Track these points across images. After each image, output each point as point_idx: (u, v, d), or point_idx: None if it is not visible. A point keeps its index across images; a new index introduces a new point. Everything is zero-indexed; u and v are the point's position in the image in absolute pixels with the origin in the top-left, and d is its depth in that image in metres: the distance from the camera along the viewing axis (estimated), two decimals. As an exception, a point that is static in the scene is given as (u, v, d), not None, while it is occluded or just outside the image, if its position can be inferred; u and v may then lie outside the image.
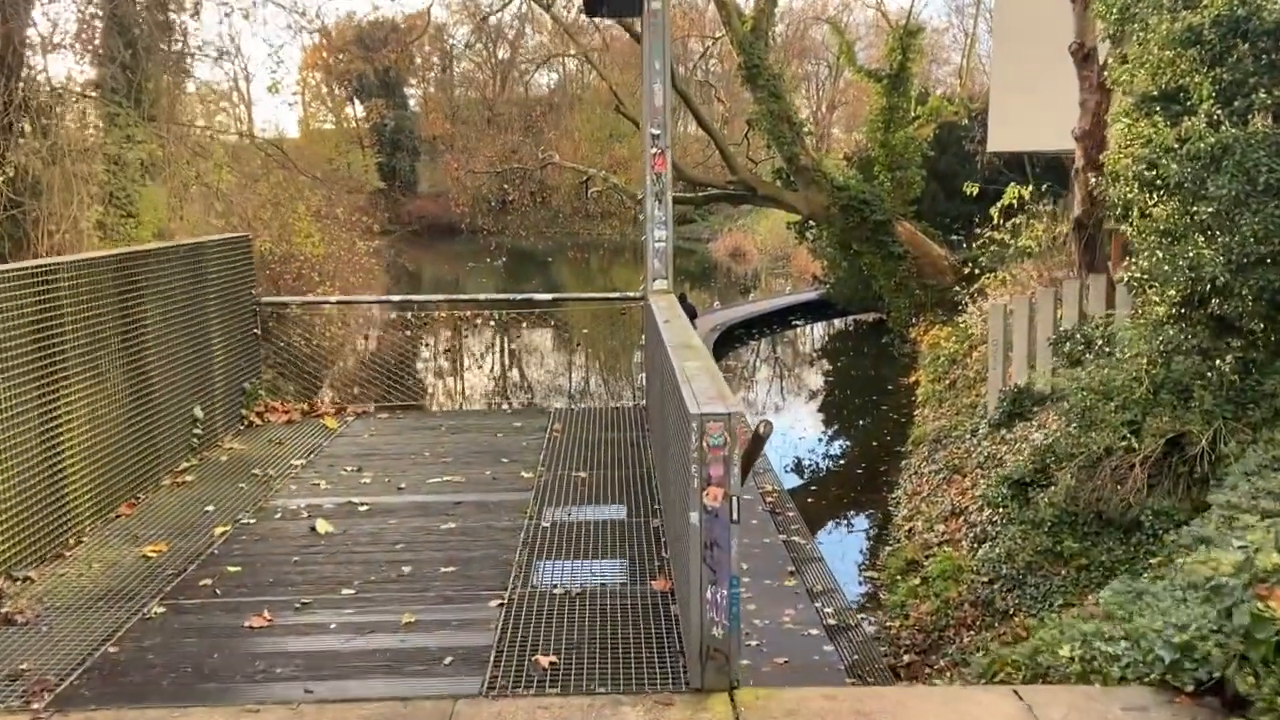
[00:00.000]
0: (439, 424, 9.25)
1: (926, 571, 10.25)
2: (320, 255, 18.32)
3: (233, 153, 20.68)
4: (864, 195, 22.91)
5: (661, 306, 5.75)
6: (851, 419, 20.04)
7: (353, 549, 6.38)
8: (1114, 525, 8.20)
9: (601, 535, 6.57)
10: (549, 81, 75.36)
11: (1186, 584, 5.52)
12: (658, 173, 6.08)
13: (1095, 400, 8.41)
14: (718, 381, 3.89)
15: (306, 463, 8.29)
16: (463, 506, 7.12)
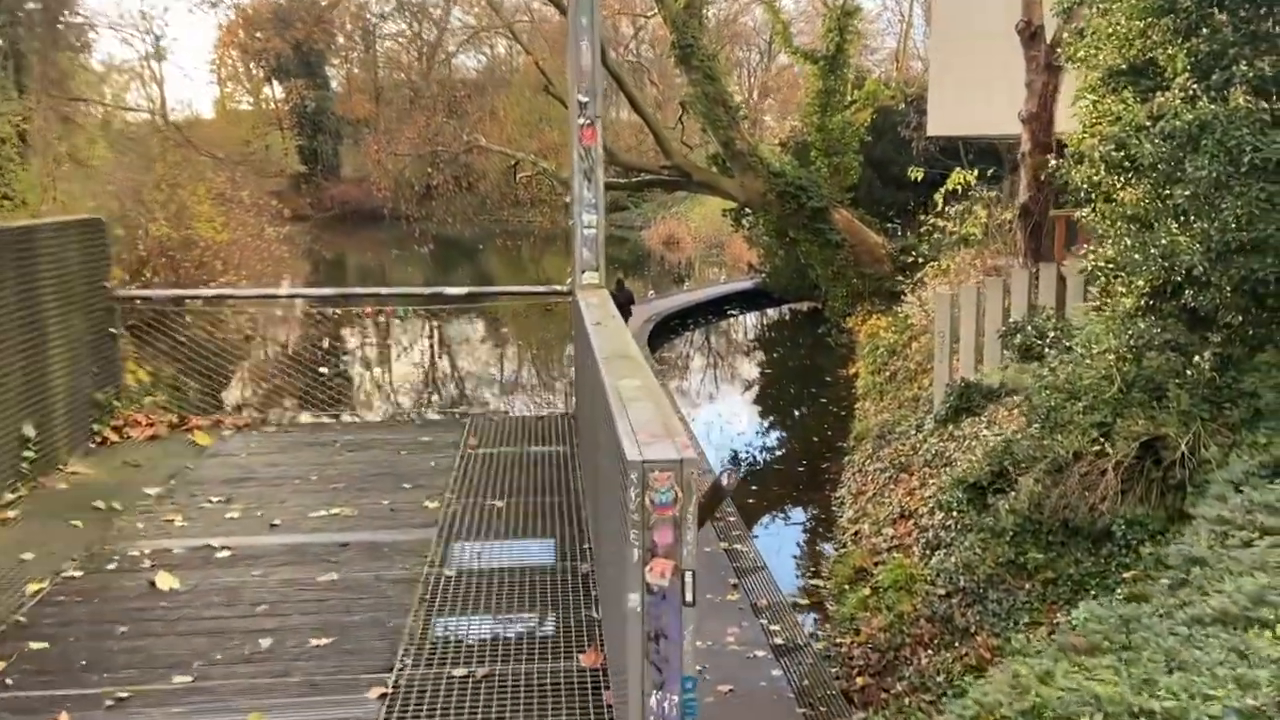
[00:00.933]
0: (334, 439, 7.86)
1: (877, 580, 9.57)
2: (224, 241, 16.99)
3: (137, 132, 19.18)
4: (801, 181, 22.29)
5: (592, 304, 4.84)
6: (790, 412, 19.41)
7: (200, 613, 5.09)
8: (1082, 535, 7.58)
9: (520, 587, 5.37)
10: (477, 64, 73.65)
11: (1191, 618, 4.85)
12: (586, 147, 5.19)
13: (1061, 400, 7.76)
14: (664, 410, 2.99)
15: (164, 491, 6.89)
16: (349, 550, 5.86)
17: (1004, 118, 15.39)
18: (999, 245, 16.66)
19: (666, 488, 2.62)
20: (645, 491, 2.60)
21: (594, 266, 5.47)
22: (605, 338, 3.72)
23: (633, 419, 2.83)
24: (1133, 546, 7.16)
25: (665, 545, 2.69)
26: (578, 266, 5.55)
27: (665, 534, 2.68)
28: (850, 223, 22.65)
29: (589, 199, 5.31)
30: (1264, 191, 6.75)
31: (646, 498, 2.60)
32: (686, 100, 23.88)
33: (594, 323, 4.11)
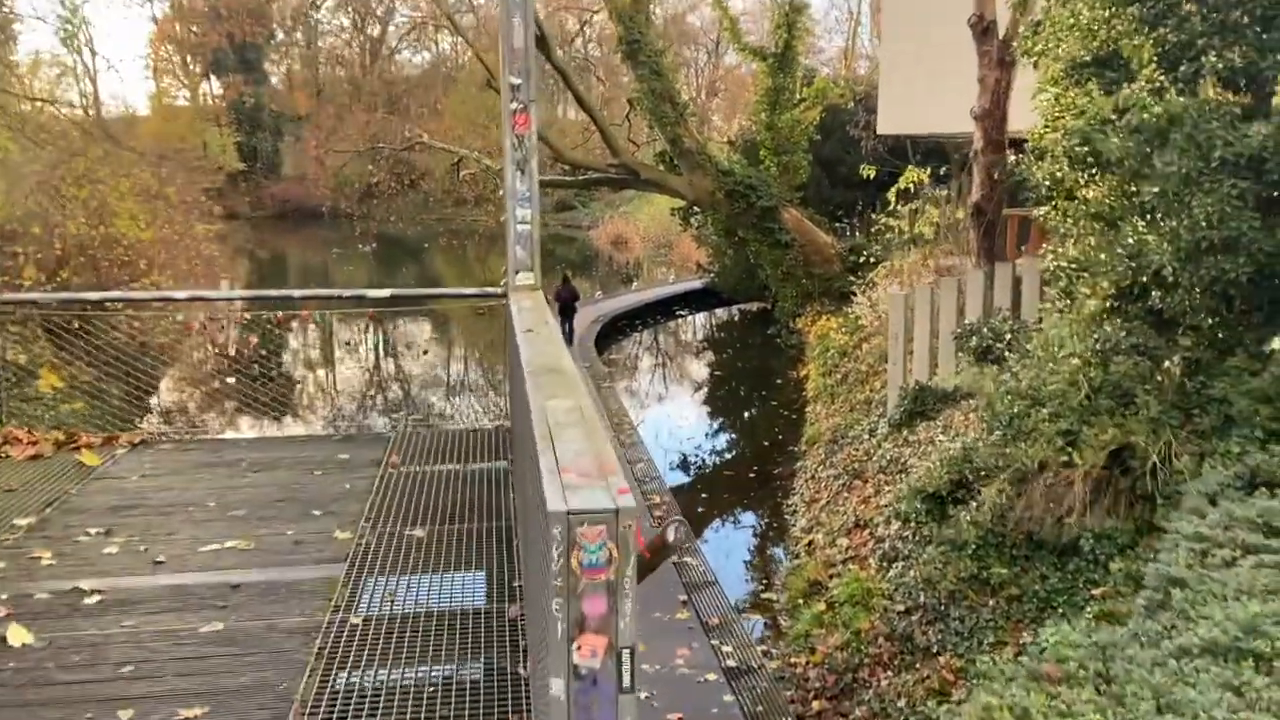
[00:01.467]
0: (241, 457, 6.92)
1: (832, 595, 9.16)
2: (149, 240, 16.12)
3: (53, 126, 18.16)
4: (750, 180, 21.93)
5: (525, 308, 4.28)
6: (739, 414, 19.03)
7: (53, 676, 4.17)
8: (1048, 549, 7.22)
9: (438, 635, 4.51)
10: (421, 60, 72.58)
11: (1179, 649, 4.47)
12: (519, 135, 4.65)
13: (1024, 407, 7.40)
14: (597, 441, 2.39)
15: (35, 522, 5.90)
16: (242, 591, 5.00)
17: (955, 116, 15.14)
18: (950, 245, 16.43)
19: (598, 545, 2.08)
20: (571, 550, 2.08)
21: (528, 266, 4.91)
22: (536, 348, 3.20)
23: (560, 453, 2.24)
24: (1101, 562, 6.82)
25: (596, 617, 2.13)
26: (511, 266, 5.00)
27: (596, 603, 2.12)
28: (800, 222, 22.34)
29: (522, 192, 4.77)
30: (1236, 188, 6.44)
31: (573, 558, 2.08)
32: (633, 97, 23.40)
33: (524, 330, 3.58)
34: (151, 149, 55.28)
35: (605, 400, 16.53)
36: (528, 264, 4.87)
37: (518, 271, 4.90)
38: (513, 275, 4.91)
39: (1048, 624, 6.74)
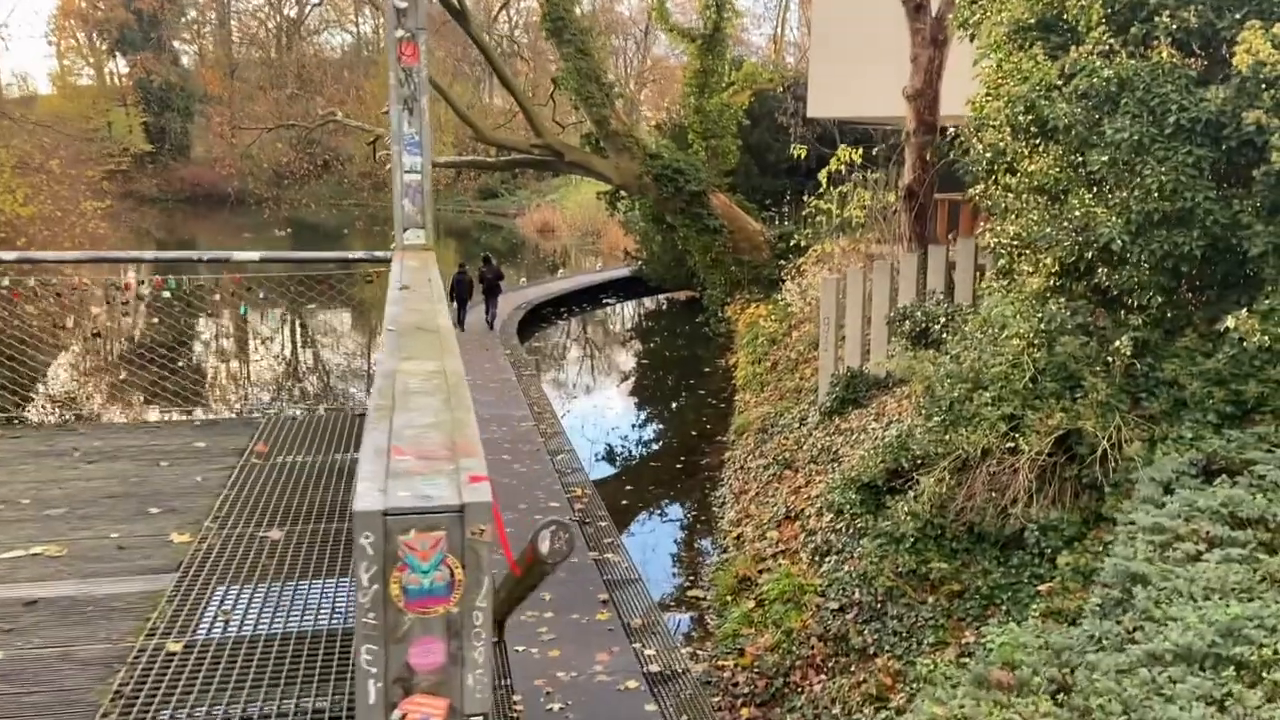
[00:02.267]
0: (75, 445, 5.88)
1: (762, 591, 8.64)
2: (27, 215, 14.90)
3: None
4: (678, 164, 21.38)
5: (410, 267, 3.62)
6: (667, 404, 18.49)
7: None
8: (990, 541, 6.79)
9: (281, 666, 3.58)
10: (341, 43, 70.56)
11: (1148, 655, 4.00)
12: (407, 68, 3.97)
13: (965, 390, 6.95)
14: (459, 415, 1.73)
15: None
16: (39, 609, 4.06)
17: (886, 99, 14.76)
18: (879, 231, 16.09)
19: (431, 562, 1.36)
20: (390, 570, 1.38)
21: (419, 223, 4.22)
22: (408, 305, 2.57)
23: (396, 428, 1.60)
24: (1047, 555, 6.40)
25: (429, 670, 1.39)
26: (398, 223, 4.28)
27: (429, 649, 1.39)
28: (729, 208, 21.89)
29: (410, 135, 4.08)
30: (1191, 155, 6.05)
31: (392, 582, 1.42)
32: (558, 77, 22.66)
33: (399, 286, 2.93)
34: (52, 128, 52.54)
35: (527, 388, 15.83)
36: (418, 220, 4.17)
37: (406, 229, 4.20)
38: (400, 233, 4.21)
39: (992, 623, 6.29)
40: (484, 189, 58.96)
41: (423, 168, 4.16)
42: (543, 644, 7.54)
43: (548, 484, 11.21)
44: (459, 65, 57.69)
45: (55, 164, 16.24)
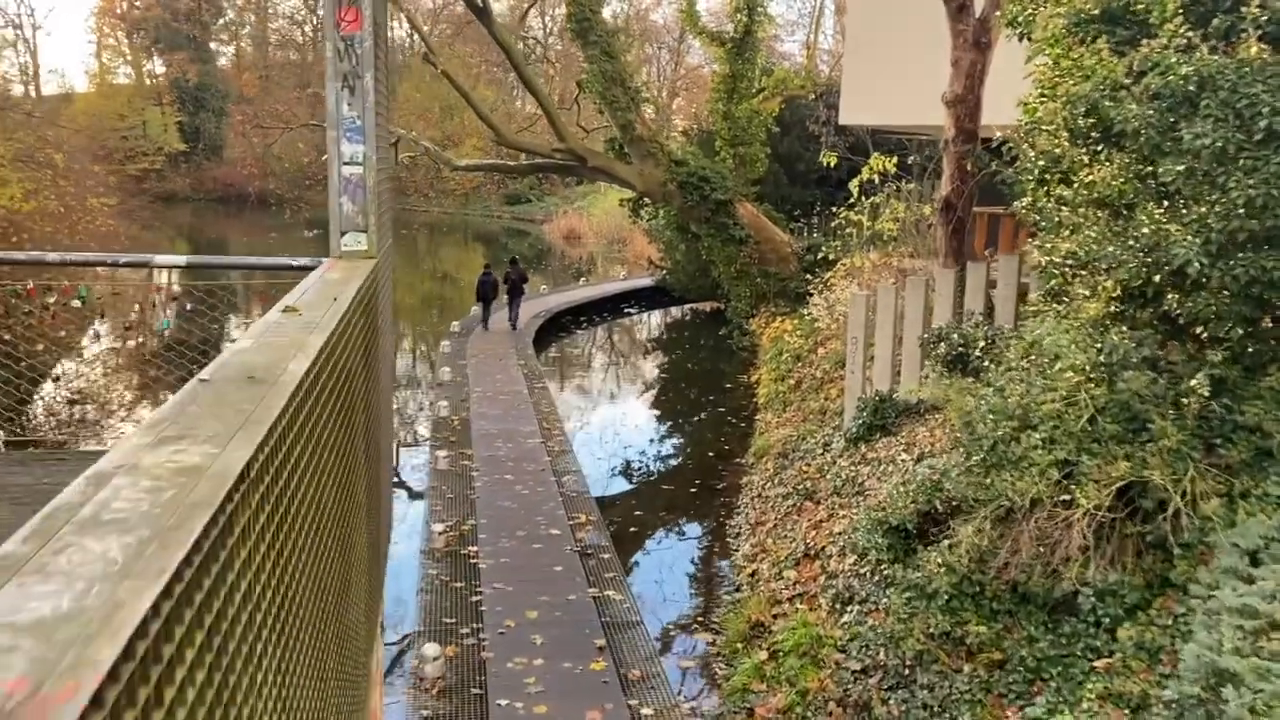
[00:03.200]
0: None
1: (776, 641, 7.82)
2: (27, 210, 14.38)
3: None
4: (704, 172, 20.62)
5: (329, 281, 2.80)
6: (685, 421, 17.67)
7: None
8: (1037, 604, 5.94)
9: None
10: (375, 45, 70.52)
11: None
12: (346, 36, 3.24)
13: (1011, 429, 6.10)
14: (129, 590, 0.78)
15: None
16: None
17: (923, 106, 13.93)
18: (912, 246, 15.22)
19: None
20: None
21: (359, 226, 3.45)
22: (264, 340, 1.79)
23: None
24: (1104, 625, 5.55)
25: None
26: (334, 225, 3.50)
27: None
28: (755, 217, 21.09)
29: (350, 119, 3.33)
30: (1285, 166, 5.20)
31: None
32: (583, 80, 21.96)
33: (282, 308, 2.18)
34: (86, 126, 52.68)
35: (537, 402, 15.09)
36: (359, 222, 3.41)
37: (344, 233, 3.44)
38: (337, 238, 3.45)
39: (1039, 703, 5.46)
40: (512, 195, 58.51)
41: (365, 158, 3.42)
42: (529, 697, 6.77)
43: (550, 509, 10.45)
44: (492, 70, 57.35)
45: (59, 158, 15.74)
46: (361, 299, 2.87)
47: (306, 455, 1.55)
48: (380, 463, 3.69)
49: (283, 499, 1.39)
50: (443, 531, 9.57)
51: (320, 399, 1.78)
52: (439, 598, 8.36)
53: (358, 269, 3.15)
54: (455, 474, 11.54)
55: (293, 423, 1.50)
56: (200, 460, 1.18)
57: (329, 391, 1.86)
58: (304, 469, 1.51)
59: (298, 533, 1.54)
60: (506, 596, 8.34)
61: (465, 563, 9.05)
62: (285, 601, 1.46)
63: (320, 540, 1.79)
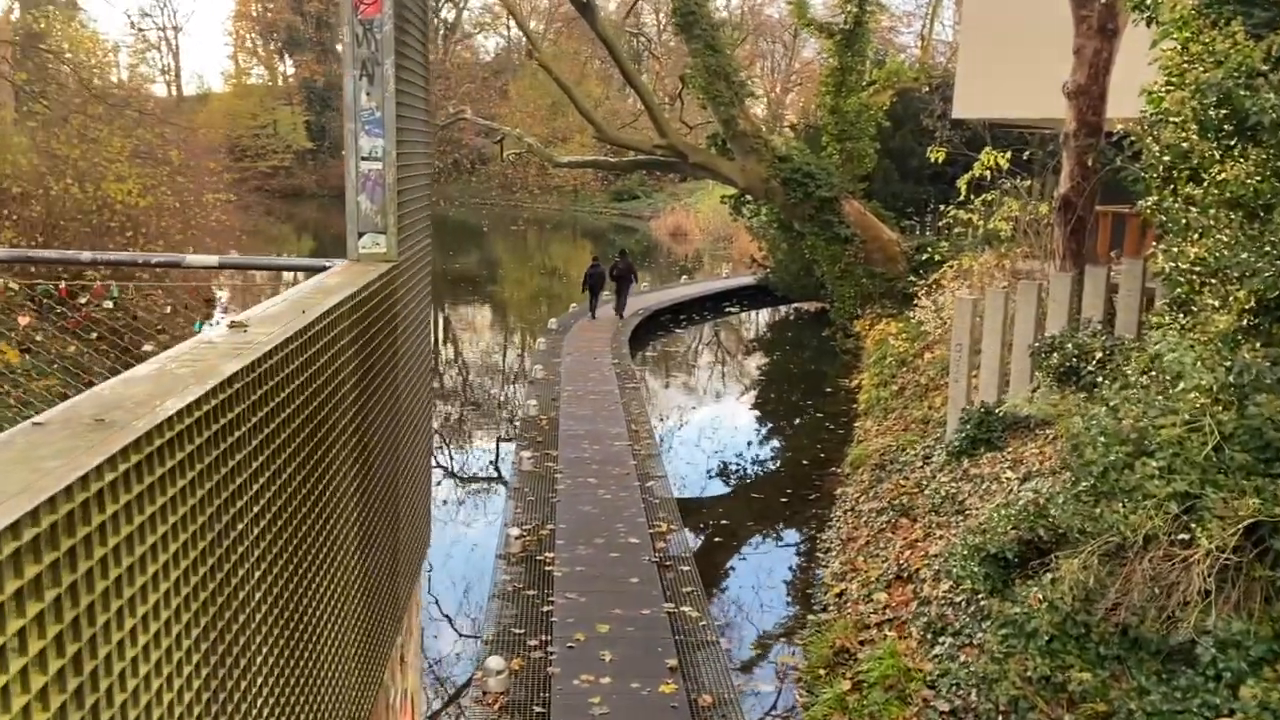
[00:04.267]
0: None
1: (861, 670, 7.33)
2: (144, 206, 14.85)
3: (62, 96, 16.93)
4: (808, 168, 20.02)
5: (325, 287, 2.42)
6: (781, 425, 17.15)
7: None
8: (1149, 651, 5.32)
9: None
10: (496, 45, 71.83)
11: None
12: (365, 20, 2.98)
13: (1124, 455, 5.49)
14: None
15: None
16: None
17: (1043, 97, 13.09)
18: (1028, 246, 14.35)
19: None
20: None
21: (379, 227, 3.18)
22: (155, 368, 1.50)
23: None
24: (1226, 680, 4.90)
25: None
26: (351, 226, 3.24)
27: None
28: (862, 215, 20.37)
29: (369, 111, 3.06)
30: None
31: None
32: (686, 74, 21.60)
33: (228, 323, 1.90)
34: (222, 125, 55.05)
35: (628, 404, 14.82)
36: (377, 223, 3.15)
37: (362, 234, 3.18)
38: (354, 239, 3.20)
39: (1148, 765, 4.86)
40: (619, 191, 58.57)
41: (385, 153, 3.15)
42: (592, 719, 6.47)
43: (631, 515, 10.14)
44: (601, 66, 57.53)
45: (175, 155, 16.24)
46: (358, 308, 2.59)
47: (145, 515, 1.24)
48: (401, 485, 3.42)
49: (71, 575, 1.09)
50: (519, 535, 9.37)
51: (207, 445, 1.48)
52: (509, 605, 8.15)
53: (364, 274, 2.87)
54: (538, 475, 11.35)
55: (129, 479, 1.20)
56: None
57: (226, 433, 1.56)
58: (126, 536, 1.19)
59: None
60: (578, 608, 8.07)
61: (540, 569, 8.82)
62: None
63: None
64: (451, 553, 11.00)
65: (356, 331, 2.58)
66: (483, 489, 13.60)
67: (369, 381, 2.75)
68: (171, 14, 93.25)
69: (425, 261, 4.04)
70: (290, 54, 70.31)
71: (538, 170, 54.40)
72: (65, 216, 14.68)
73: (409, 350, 3.52)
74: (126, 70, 44.00)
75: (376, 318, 2.88)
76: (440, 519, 12.04)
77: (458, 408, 17.98)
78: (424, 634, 9.44)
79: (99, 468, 1.12)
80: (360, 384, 2.63)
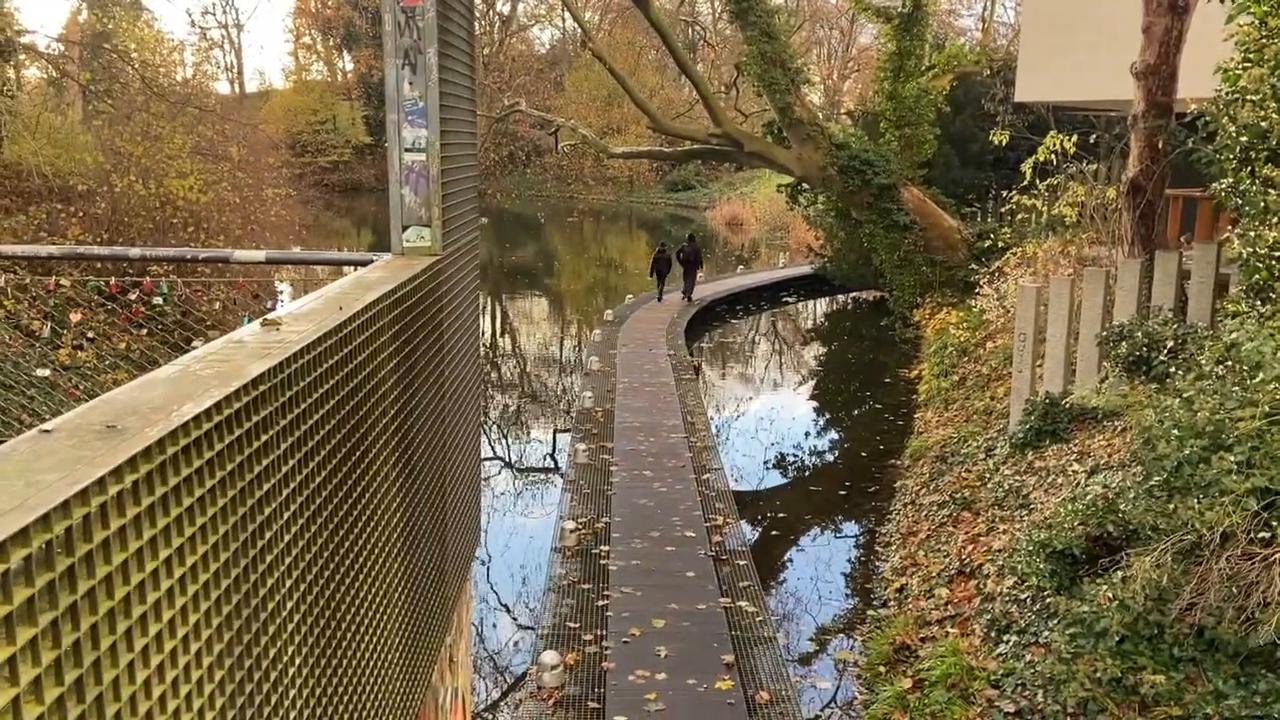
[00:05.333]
0: None
1: (922, 669, 7.15)
2: (206, 202, 15.12)
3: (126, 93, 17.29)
4: (866, 155, 19.69)
5: (364, 282, 2.35)
6: (839, 417, 16.91)
7: None
8: (1227, 654, 5.09)
9: None
10: (551, 37, 72.01)
11: None
12: (408, 9, 2.91)
13: (1200, 449, 5.25)
14: None
15: None
16: None
17: (1109, 78, 12.66)
18: (1095, 232, 13.92)
19: None
20: None
21: (423, 220, 3.13)
22: (178, 370, 1.47)
23: None
24: (1312, 685, 4.67)
25: None
26: (396, 219, 3.18)
27: None
28: (921, 203, 19.98)
29: (412, 101, 3.00)
30: None
31: None
32: (741, 62, 21.36)
33: (261, 320, 1.85)
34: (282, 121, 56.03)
35: (683, 395, 14.72)
36: (421, 216, 3.09)
37: (406, 227, 3.12)
38: (398, 232, 3.14)
39: (1226, 773, 4.64)
40: (675, 181, 58.36)
41: (429, 144, 3.09)
42: (647, 715, 6.40)
43: (687, 508, 10.05)
44: (657, 56, 57.32)
45: (235, 151, 16.51)
46: (399, 303, 2.53)
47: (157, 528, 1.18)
48: (449, 484, 3.37)
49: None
50: (575, 529, 9.34)
51: (229, 450, 1.42)
52: (565, 599, 8.12)
53: (407, 268, 2.81)
54: (594, 468, 11.32)
55: (138, 490, 1.14)
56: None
57: (251, 437, 1.50)
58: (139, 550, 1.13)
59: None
60: (634, 602, 8.01)
61: (595, 563, 8.78)
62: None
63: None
64: (509, 544, 11.03)
65: (398, 328, 2.52)
66: (539, 480, 13.61)
67: (412, 379, 2.70)
68: (234, 12, 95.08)
69: (473, 255, 3.99)
70: (349, 49, 71.21)
71: (593, 162, 54.43)
72: (130, 213, 15.00)
73: (456, 347, 3.47)
74: (191, 68, 44.91)
75: (420, 313, 2.82)
76: (498, 510, 12.07)
77: (514, 399, 18.05)
78: (482, 624, 9.49)
79: (101, 480, 1.06)
80: (403, 382, 2.58)
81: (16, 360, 5.71)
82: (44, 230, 13.34)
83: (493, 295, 29.02)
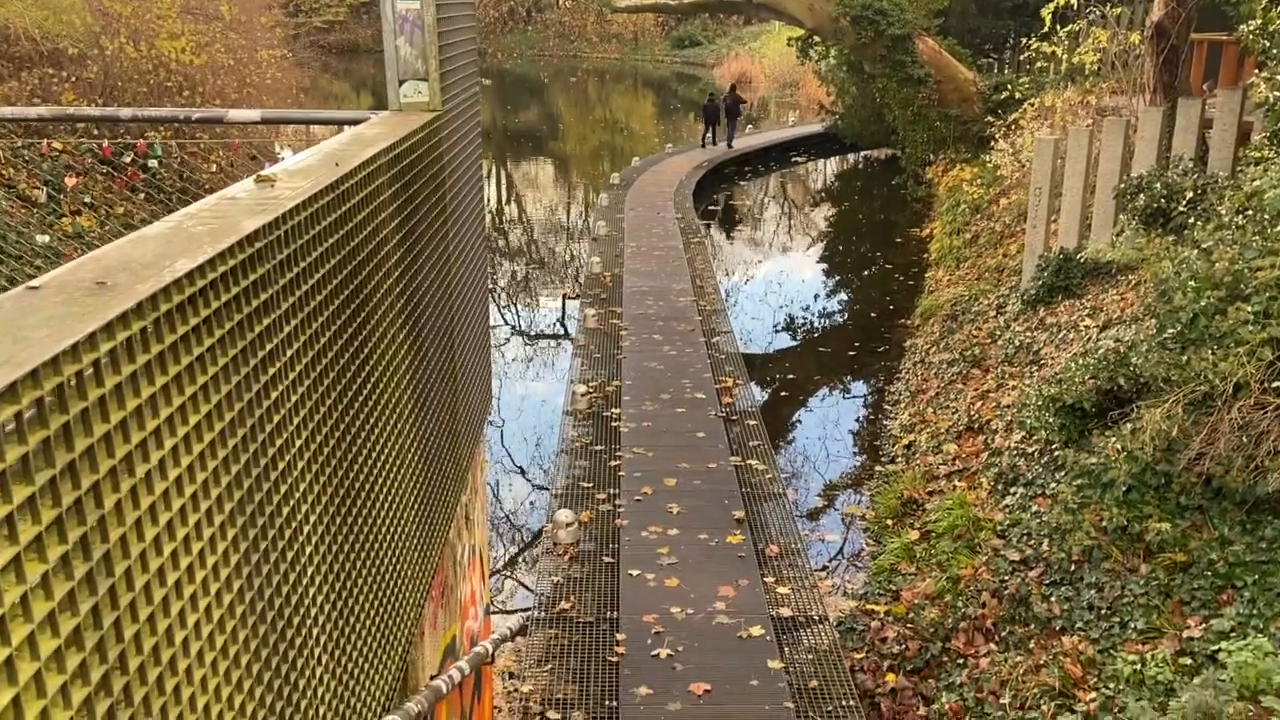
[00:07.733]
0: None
1: (929, 520, 7.31)
2: (199, 64, 14.67)
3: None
4: (880, 4, 18.90)
5: (362, 138, 2.30)
6: (849, 277, 16.80)
7: None
8: (1234, 501, 5.16)
9: None
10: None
11: None
12: None
13: (1215, 299, 5.19)
14: None
15: None
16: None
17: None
18: (1115, 81, 13.46)
19: None
20: None
21: (419, 74, 3.00)
22: (169, 227, 1.42)
23: None
24: (1317, 530, 4.74)
25: None
26: (391, 73, 3.04)
27: None
28: (936, 54, 19.30)
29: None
30: None
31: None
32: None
33: (255, 177, 1.78)
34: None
35: (692, 259, 14.60)
36: (418, 69, 2.96)
37: (402, 82, 2.99)
38: (394, 87, 3.01)
39: (1227, 614, 4.77)
40: (681, 38, 56.39)
41: (425, -4, 2.93)
42: (660, 569, 6.58)
43: (696, 371, 10.09)
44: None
45: (226, 10, 15.92)
46: (398, 160, 2.44)
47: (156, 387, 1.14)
48: (457, 345, 3.34)
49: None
50: (586, 393, 9.40)
51: (227, 309, 1.37)
52: (578, 460, 8.24)
53: (405, 124, 2.70)
54: (604, 333, 11.32)
55: (131, 347, 1.10)
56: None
57: (250, 295, 1.45)
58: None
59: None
60: (645, 462, 8.13)
61: (607, 425, 8.87)
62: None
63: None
64: (522, 408, 11.15)
65: (398, 186, 2.44)
66: (549, 346, 13.66)
67: (415, 239, 2.63)
68: None
69: (474, 114, 3.85)
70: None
71: (595, 17, 52.52)
72: (122, 77, 14.59)
73: (459, 206, 3.38)
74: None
75: (421, 171, 2.73)
76: (510, 376, 12.16)
77: (522, 266, 17.95)
78: (497, 486, 9.70)
79: (92, 336, 1.02)
80: (405, 241, 2.51)
81: (20, 230, 5.64)
82: (37, 96, 13.02)
83: (496, 160, 28.54)
